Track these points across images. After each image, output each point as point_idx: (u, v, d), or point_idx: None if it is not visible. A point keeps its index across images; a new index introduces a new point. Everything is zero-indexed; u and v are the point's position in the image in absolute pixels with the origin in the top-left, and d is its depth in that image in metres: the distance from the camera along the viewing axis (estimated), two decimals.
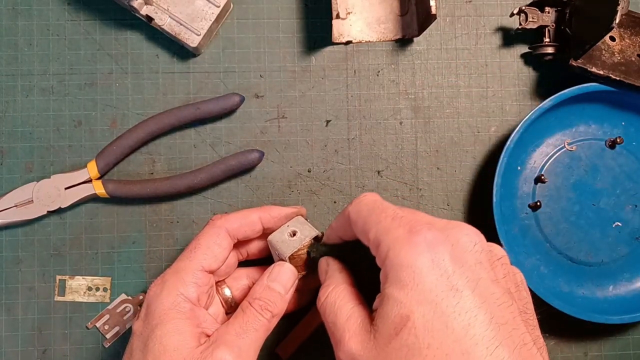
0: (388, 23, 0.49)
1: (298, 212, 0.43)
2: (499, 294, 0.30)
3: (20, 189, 0.45)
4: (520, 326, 0.29)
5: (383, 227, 0.32)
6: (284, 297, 0.38)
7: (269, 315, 0.37)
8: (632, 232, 0.49)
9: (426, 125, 0.49)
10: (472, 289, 0.29)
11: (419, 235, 0.30)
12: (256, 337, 0.36)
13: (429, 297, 0.29)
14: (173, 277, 0.37)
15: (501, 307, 0.29)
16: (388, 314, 0.29)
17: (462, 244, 0.31)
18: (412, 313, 0.29)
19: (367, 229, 0.33)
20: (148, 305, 0.36)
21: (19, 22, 0.47)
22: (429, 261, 0.29)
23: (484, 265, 0.30)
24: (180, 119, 0.46)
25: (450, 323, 0.28)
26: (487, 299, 0.29)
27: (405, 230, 0.31)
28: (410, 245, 0.30)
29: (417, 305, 0.29)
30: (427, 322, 0.28)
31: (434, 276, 0.29)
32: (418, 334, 0.28)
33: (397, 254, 0.30)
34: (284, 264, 0.39)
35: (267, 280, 0.39)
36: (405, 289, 0.29)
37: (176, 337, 0.34)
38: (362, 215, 0.34)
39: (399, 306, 0.29)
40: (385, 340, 0.29)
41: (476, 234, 0.32)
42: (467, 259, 0.30)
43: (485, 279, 0.30)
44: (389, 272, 0.30)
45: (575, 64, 0.45)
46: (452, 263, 0.30)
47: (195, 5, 0.46)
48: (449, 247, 0.30)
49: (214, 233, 0.39)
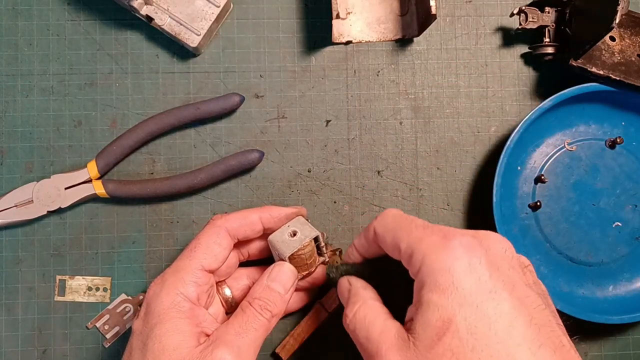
0: (388, 23, 0.49)
1: (298, 212, 0.43)
2: (534, 297, 0.30)
3: (20, 189, 0.45)
4: (556, 328, 0.30)
5: (416, 237, 0.32)
6: (284, 297, 0.38)
7: (268, 315, 0.37)
8: (632, 232, 0.49)
9: (426, 125, 0.49)
10: (509, 292, 0.29)
11: (454, 240, 0.31)
12: (256, 337, 0.36)
13: (469, 300, 0.29)
14: (173, 277, 0.37)
15: (537, 310, 0.30)
16: (429, 320, 0.29)
17: (495, 249, 0.31)
18: (454, 316, 0.29)
19: (398, 241, 0.33)
20: (148, 304, 0.36)
21: (19, 22, 0.47)
22: (467, 264, 0.30)
23: (517, 270, 0.31)
24: (180, 119, 0.46)
25: (492, 325, 0.28)
26: (524, 301, 0.29)
27: (439, 237, 0.31)
28: (446, 250, 0.30)
29: (459, 307, 0.29)
30: (469, 324, 0.28)
31: (473, 279, 0.29)
32: (462, 337, 0.28)
33: (434, 260, 0.30)
34: (284, 264, 0.39)
35: (267, 280, 0.39)
36: (445, 293, 0.29)
37: (176, 336, 0.34)
38: (390, 229, 0.34)
39: (440, 310, 0.29)
40: (427, 346, 0.29)
41: (506, 242, 0.33)
42: (501, 263, 0.31)
43: (520, 283, 0.30)
44: (426, 278, 0.30)
45: (575, 64, 0.45)
46: (488, 267, 0.30)
47: (195, 5, 0.46)
48: (483, 252, 0.31)
49: (214, 233, 0.39)
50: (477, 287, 0.29)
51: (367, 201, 0.48)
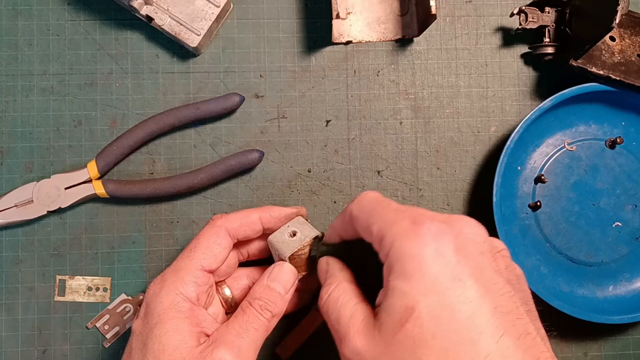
0: (388, 23, 0.49)
1: (298, 212, 0.42)
2: (501, 284, 0.30)
3: (20, 189, 0.45)
4: (523, 316, 0.30)
5: (387, 220, 0.32)
6: (284, 297, 0.38)
7: (268, 315, 0.37)
8: (632, 232, 0.49)
9: (426, 125, 0.49)
10: (475, 279, 0.29)
11: (423, 226, 0.30)
12: (256, 337, 0.36)
13: (434, 288, 0.29)
14: (172, 277, 0.37)
15: (504, 297, 0.29)
16: (393, 306, 0.29)
17: (465, 234, 0.31)
18: (417, 304, 0.29)
19: (370, 224, 0.33)
20: (147, 304, 0.36)
21: (19, 22, 0.47)
22: (434, 251, 0.30)
23: (487, 256, 0.31)
24: (180, 119, 0.46)
25: (455, 312, 0.28)
26: (491, 288, 0.29)
27: (409, 222, 0.31)
28: (415, 236, 0.30)
29: (423, 295, 0.29)
30: (432, 312, 0.28)
31: (439, 266, 0.29)
32: (423, 324, 0.28)
33: (402, 245, 0.30)
34: (284, 264, 0.39)
35: (267, 280, 0.39)
36: (410, 280, 0.29)
37: (175, 336, 0.34)
38: (364, 211, 0.34)
39: (404, 297, 0.29)
40: (390, 333, 0.29)
41: (478, 226, 0.32)
42: (470, 249, 0.30)
43: (488, 269, 0.30)
44: (394, 264, 0.30)
45: (575, 64, 0.45)
46: (455, 253, 0.30)
47: (195, 5, 0.46)
48: (452, 237, 0.30)
49: (213, 233, 0.39)
50: (442, 274, 0.29)
51: None
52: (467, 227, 0.31)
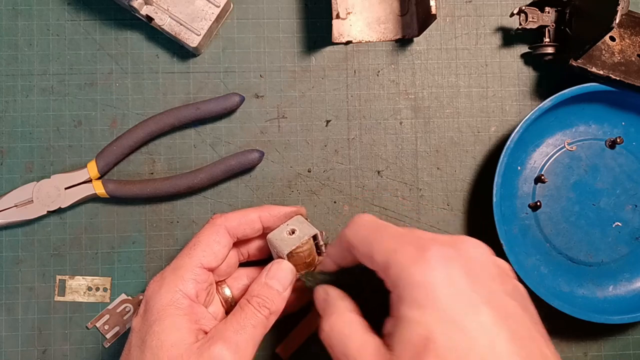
0: (388, 23, 0.49)
1: (297, 211, 0.43)
2: (513, 307, 0.29)
3: (20, 189, 0.45)
4: (537, 338, 0.29)
5: (389, 248, 0.31)
6: (282, 294, 0.38)
7: (266, 312, 0.37)
8: (632, 232, 0.49)
9: (426, 125, 0.49)
10: (490, 305, 0.28)
11: (429, 251, 0.30)
12: (254, 334, 0.36)
13: (449, 316, 0.28)
14: (172, 274, 0.37)
15: (519, 322, 0.29)
16: (407, 337, 0.28)
17: (473, 257, 0.30)
18: (433, 333, 0.28)
19: (371, 252, 0.32)
20: (147, 301, 0.36)
21: (19, 22, 0.47)
22: (445, 277, 0.29)
23: (496, 279, 0.30)
24: (180, 119, 0.46)
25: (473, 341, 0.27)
26: (504, 314, 0.29)
27: (414, 248, 0.30)
28: (422, 263, 0.29)
29: (438, 324, 0.28)
30: (450, 341, 0.27)
31: (452, 293, 0.28)
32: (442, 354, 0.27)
33: (410, 274, 0.29)
34: (282, 262, 0.39)
35: (265, 278, 0.38)
36: (422, 309, 0.28)
37: (174, 333, 0.34)
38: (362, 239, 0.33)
39: (418, 327, 0.28)
40: None
41: (482, 246, 0.31)
42: (480, 273, 0.30)
43: (499, 293, 0.29)
44: (403, 292, 0.29)
45: (575, 64, 0.45)
46: (466, 279, 0.29)
47: (195, 5, 0.46)
48: (461, 262, 0.30)
49: (213, 231, 0.39)
50: (456, 301, 0.28)
51: (367, 201, 0.48)
52: (473, 249, 0.31)
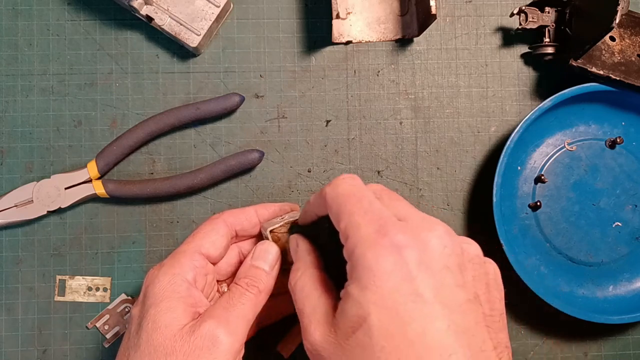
0: (388, 23, 0.49)
1: (292, 207, 0.44)
2: (462, 299, 0.29)
3: (20, 189, 0.45)
4: (481, 332, 0.29)
5: (354, 222, 0.31)
6: (269, 273, 0.39)
7: (255, 290, 0.37)
8: (632, 232, 0.49)
9: (426, 125, 0.49)
10: (434, 295, 0.29)
11: (385, 237, 0.30)
12: (244, 311, 0.36)
13: (387, 302, 0.29)
14: (170, 260, 0.37)
15: (463, 314, 0.29)
16: (347, 312, 0.30)
17: (431, 247, 0.30)
18: (368, 315, 0.29)
19: (339, 218, 0.32)
20: (145, 287, 0.37)
21: (19, 22, 0.47)
22: (392, 265, 0.29)
23: (451, 270, 0.30)
24: (180, 119, 0.46)
25: (407, 328, 0.28)
26: (449, 305, 0.29)
27: (374, 229, 0.30)
28: (375, 247, 0.30)
29: (375, 307, 0.29)
30: (382, 325, 0.28)
31: (396, 280, 0.29)
32: (373, 336, 0.28)
33: (362, 254, 0.30)
34: (265, 242, 0.40)
35: (251, 260, 0.39)
36: (364, 291, 0.29)
37: (168, 314, 0.34)
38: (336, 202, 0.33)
39: (357, 306, 0.29)
40: (343, 336, 0.30)
41: (448, 235, 0.31)
42: (433, 263, 0.30)
43: (450, 284, 0.29)
44: (352, 270, 0.30)
45: (575, 64, 0.45)
46: (417, 267, 0.29)
47: (195, 5, 0.46)
48: (415, 251, 0.30)
49: (211, 222, 0.40)
50: (398, 289, 0.29)
51: None
52: (435, 239, 0.30)
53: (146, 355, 0.33)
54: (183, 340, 0.33)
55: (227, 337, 0.34)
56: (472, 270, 0.31)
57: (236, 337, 0.34)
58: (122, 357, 0.35)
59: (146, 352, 0.33)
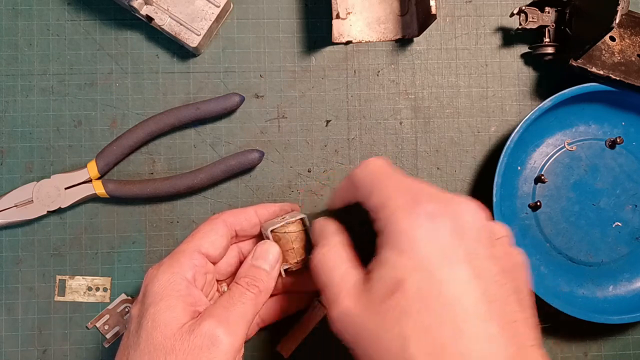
0: (388, 23, 0.49)
1: (293, 207, 0.44)
2: (494, 271, 0.30)
3: (20, 189, 0.45)
4: (512, 304, 0.30)
5: (387, 194, 0.32)
6: (270, 273, 0.39)
7: (256, 290, 0.37)
8: (632, 232, 0.49)
9: (426, 125, 0.49)
10: (468, 263, 0.30)
11: (420, 206, 0.31)
12: (244, 310, 0.36)
13: (424, 265, 0.29)
14: (170, 260, 0.38)
15: (495, 284, 0.30)
16: (383, 277, 0.30)
17: (464, 218, 0.31)
18: (405, 277, 0.29)
19: (370, 194, 0.33)
20: (144, 286, 0.37)
21: (19, 22, 0.47)
22: (427, 231, 0.30)
23: (483, 242, 0.31)
24: (180, 119, 0.46)
25: (442, 292, 0.29)
26: (482, 274, 0.30)
27: (409, 198, 0.31)
28: (411, 215, 0.31)
29: (413, 271, 0.29)
30: (420, 288, 0.29)
31: (432, 246, 0.30)
32: (410, 298, 0.29)
33: (397, 221, 0.31)
34: (266, 242, 0.40)
35: (251, 260, 0.39)
36: (402, 255, 0.30)
37: (168, 313, 0.34)
38: (368, 179, 0.34)
39: (395, 270, 0.30)
40: (379, 300, 0.30)
41: (479, 211, 0.32)
42: (466, 234, 0.31)
43: (483, 255, 0.30)
44: (388, 237, 0.31)
45: (575, 64, 0.45)
46: (450, 236, 0.30)
47: (195, 5, 0.46)
48: (449, 220, 0.31)
49: (210, 222, 0.40)
50: (434, 254, 0.30)
51: None
52: (467, 212, 0.32)
53: (146, 354, 0.33)
54: (182, 339, 0.33)
55: (227, 337, 0.34)
56: (501, 248, 0.32)
57: (236, 337, 0.34)
58: (122, 356, 0.35)
59: (146, 350, 0.33)
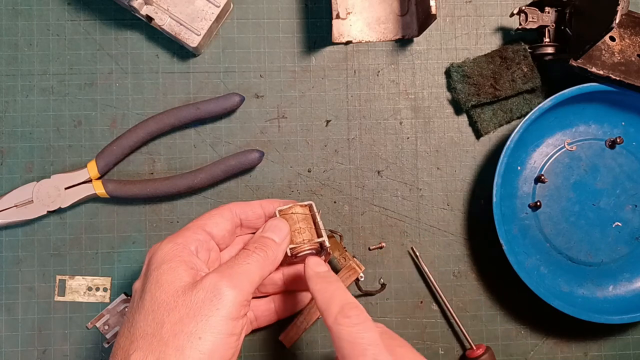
0: (388, 23, 0.49)
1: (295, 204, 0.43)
2: None
3: (20, 189, 0.45)
4: None
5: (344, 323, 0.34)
6: (279, 244, 0.39)
7: (263, 253, 0.37)
8: (632, 232, 0.49)
9: (426, 125, 0.49)
10: None
11: None
12: (248, 269, 0.36)
13: None
14: (173, 235, 0.38)
15: None
16: None
17: None
18: None
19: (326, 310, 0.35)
20: (148, 259, 0.37)
21: (19, 22, 0.47)
22: None
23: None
24: (180, 119, 0.46)
25: None
26: None
27: None
28: None
29: None
30: None
31: None
32: None
33: None
34: (275, 218, 0.41)
35: (261, 232, 0.40)
36: None
37: (171, 273, 0.35)
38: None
39: None
40: None
41: None
42: None
43: None
44: None
45: (575, 64, 0.45)
46: None
47: (195, 5, 0.46)
48: None
49: (217, 209, 0.41)
50: None
51: (367, 201, 0.48)
52: None
53: (150, 312, 0.33)
54: (185, 295, 0.33)
55: (230, 290, 0.34)
56: None
57: (240, 291, 0.34)
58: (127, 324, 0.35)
59: (150, 310, 0.34)
